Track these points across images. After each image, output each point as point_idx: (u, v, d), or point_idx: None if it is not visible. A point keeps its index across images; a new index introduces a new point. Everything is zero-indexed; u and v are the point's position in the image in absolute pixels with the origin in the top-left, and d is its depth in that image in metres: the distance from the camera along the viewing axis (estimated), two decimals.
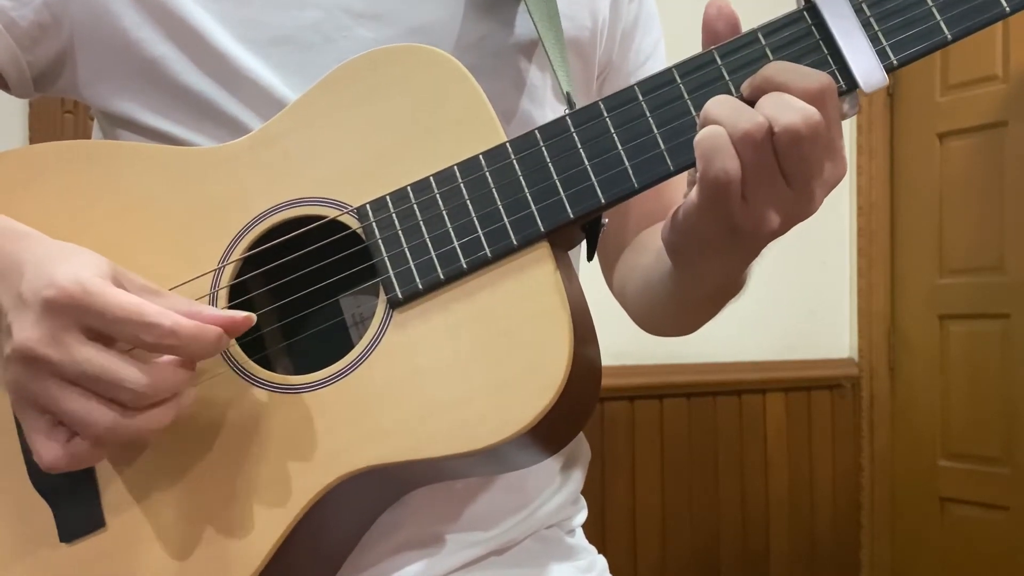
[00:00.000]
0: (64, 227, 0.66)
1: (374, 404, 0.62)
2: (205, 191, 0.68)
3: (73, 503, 0.66)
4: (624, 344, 2.18)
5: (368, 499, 0.68)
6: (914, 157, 2.72)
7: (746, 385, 2.63)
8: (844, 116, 0.60)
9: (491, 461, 0.65)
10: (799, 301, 2.72)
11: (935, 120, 2.65)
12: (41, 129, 2.03)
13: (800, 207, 0.59)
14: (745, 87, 0.59)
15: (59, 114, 2.02)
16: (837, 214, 2.80)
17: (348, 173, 0.66)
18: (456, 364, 0.62)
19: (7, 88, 0.77)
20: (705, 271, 0.66)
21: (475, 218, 0.63)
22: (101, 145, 0.72)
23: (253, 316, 0.60)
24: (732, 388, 2.61)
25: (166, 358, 0.59)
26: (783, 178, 0.57)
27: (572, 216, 0.62)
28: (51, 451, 0.59)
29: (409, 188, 0.64)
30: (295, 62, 0.71)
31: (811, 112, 0.56)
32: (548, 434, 0.63)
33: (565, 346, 0.60)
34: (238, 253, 0.66)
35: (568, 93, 0.69)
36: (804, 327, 2.74)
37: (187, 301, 0.60)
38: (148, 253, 0.67)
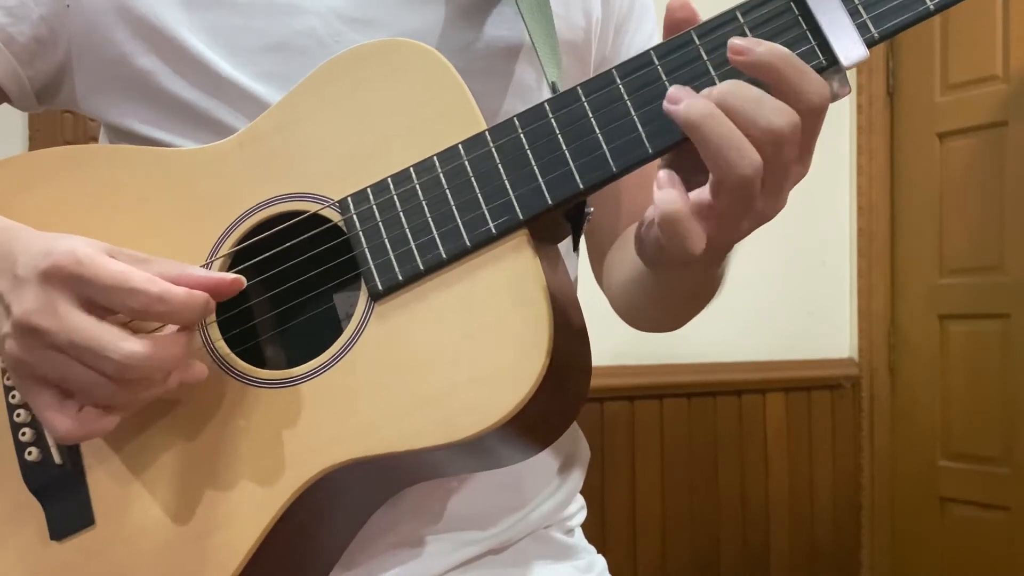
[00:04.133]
0: (60, 232, 0.66)
1: (356, 397, 0.62)
2: (194, 190, 0.68)
3: (64, 501, 0.66)
4: (624, 344, 2.18)
5: (357, 495, 0.68)
6: (914, 157, 2.72)
7: (746, 385, 2.62)
8: (836, 96, 0.58)
9: (478, 454, 0.65)
10: (799, 301, 2.71)
11: (935, 120, 2.65)
12: (41, 129, 2.03)
13: (770, 210, 0.59)
14: (738, 61, 0.56)
15: (59, 114, 2.02)
16: (837, 214, 2.80)
17: (332, 167, 0.66)
18: (436, 354, 0.61)
19: (10, 102, 0.78)
20: (677, 276, 0.67)
21: (454, 207, 0.63)
22: (94, 149, 0.73)
23: (242, 279, 0.61)
24: (732, 388, 2.61)
25: (163, 332, 0.60)
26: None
27: (550, 203, 0.61)
28: (63, 423, 0.59)
29: (389, 179, 0.64)
30: (288, 69, 0.71)
31: (795, 117, 0.55)
32: (533, 425, 0.62)
33: (544, 335, 0.59)
34: (226, 249, 0.67)
35: (553, 83, 0.69)
36: (804, 327, 2.73)
37: (177, 264, 0.61)
38: (141, 252, 0.67)
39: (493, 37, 0.75)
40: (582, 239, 0.87)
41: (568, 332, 0.62)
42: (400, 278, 0.63)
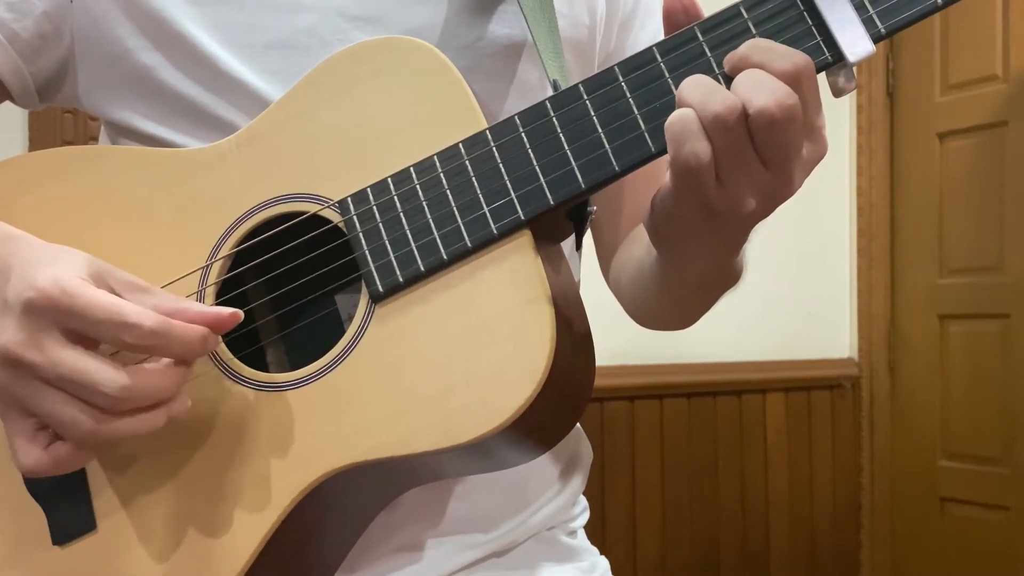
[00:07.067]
0: (59, 233, 0.66)
1: (356, 400, 0.62)
2: (192, 191, 0.68)
3: (65, 506, 0.66)
4: (624, 344, 2.18)
5: (360, 499, 0.67)
6: (914, 157, 2.72)
7: (746, 385, 2.63)
8: (841, 91, 0.58)
9: (480, 457, 0.64)
10: (799, 301, 2.72)
11: (935, 120, 2.65)
12: (41, 129, 2.03)
13: (778, 189, 0.58)
14: (726, 63, 0.57)
15: (59, 114, 2.02)
16: (837, 214, 2.80)
17: (332, 167, 0.65)
18: (438, 357, 0.61)
19: (12, 99, 0.77)
20: (689, 256, 0.65)
21: (455, 208, 0.62)
22: (93, 150, 0.72)
23: (240, 312, 0.60)
24: (732, 388, 2.61)
25: (152, 363, 0.58)
26: (759, 160, 0.56)
27: (552, 203, 0.60)
28: (30, 455, 0.58)
29: (389, 179, 0.63)
30: (290, 66, 0.71)
31: (786, 94, 0.54)
32: (536, 428, 0.62)
33: (547, 335, 0.59)
34: (225, 251, 0.66)
35: (555, 81, 0.68)
36: (804, 327, 2.73)
37: (175, 298, 0.60)
38: (139, 254, 0.67)
39: (496, 35, 0.74)
40: (587, 239, 0.88)
41: (571, 333, 0.61)
42: (401, 280, 0.62)
